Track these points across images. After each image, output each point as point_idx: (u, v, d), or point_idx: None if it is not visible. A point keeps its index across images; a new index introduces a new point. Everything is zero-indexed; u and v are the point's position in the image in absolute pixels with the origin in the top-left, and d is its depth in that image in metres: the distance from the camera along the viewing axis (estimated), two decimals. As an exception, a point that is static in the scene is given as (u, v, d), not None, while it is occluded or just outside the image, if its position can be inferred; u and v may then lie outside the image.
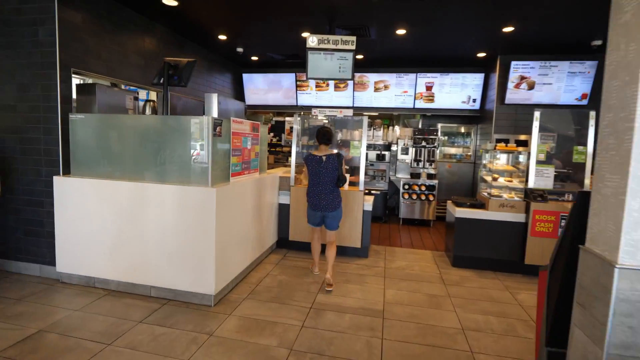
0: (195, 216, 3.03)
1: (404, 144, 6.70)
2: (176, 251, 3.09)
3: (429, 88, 6.84)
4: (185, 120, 3.11)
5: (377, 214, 6.78)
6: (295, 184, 4.76)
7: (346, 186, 4.61)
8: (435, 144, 6.66)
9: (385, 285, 3.77)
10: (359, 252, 4.63)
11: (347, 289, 3.64)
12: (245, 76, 7.62)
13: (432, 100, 6.90)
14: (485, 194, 4.57)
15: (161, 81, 3.37)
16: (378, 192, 6.70)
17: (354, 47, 4.29)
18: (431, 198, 6.48)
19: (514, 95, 5.80)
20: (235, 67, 7.54)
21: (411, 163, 6.77)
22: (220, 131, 3.19)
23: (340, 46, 4.27)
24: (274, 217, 4.74)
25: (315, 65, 4.37)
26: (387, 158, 6.85)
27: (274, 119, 8.19)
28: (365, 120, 4.46)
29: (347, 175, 4.63)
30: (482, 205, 4.38)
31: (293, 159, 4.71)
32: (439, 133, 6.58)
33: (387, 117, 11.19)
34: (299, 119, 4.76)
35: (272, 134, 8.04)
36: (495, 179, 4.51)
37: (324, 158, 3.99)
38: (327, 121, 7.29)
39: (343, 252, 4.66)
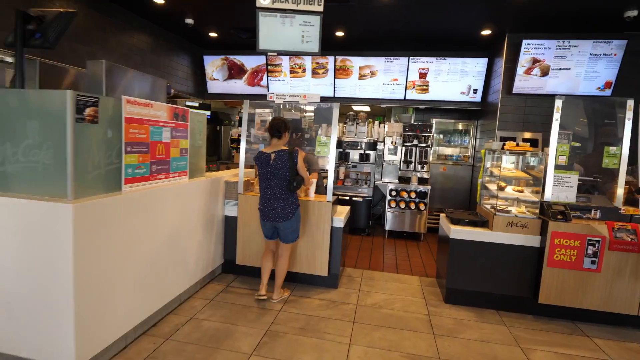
0: (45, 246, 1.96)
1: (392, 142, 5.66)
2: (19, 299, 2.03)
3: (422, 75, 5.81)
4: (31, 97, 2.04)
5: (360, 225, 5.74)
6: (246, 190, 3.71)
7: (311, 193, 3.57)
8: (429, 143, 5.64)
9: (353, 338, 2.72)
10: (327, 281, 3.59)
11: (297, 346, 2.59)
12: (206, 59, 6.53)
13: (426, 91, 5.87)
14: (488, 206, 3.55)
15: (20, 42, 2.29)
16: (360, 199, 5.66)
17: (321, 8, 3.25)
18: (422, 207, 5.46)
19: (523, 83, 4.77)
20: (194, 48, 6.45)
21: (400, 165, 5.74)
22: (93, 115, 2.12)
23: (302, 5, 3.22)
24: (217, 235, 3.68)
25: (270, 33, 3.32)
26: (372, 159, 5.82)
27: (241, 110, 7.12)
28: (336, 110, 3.41)
29: (312, 180, 3.59)
30: (484, 223, 3.36)
31: (242, 157, 3.65)
32: (433, 130, 5.57)
33: (379, 113, 10.18)
34: (248, 102, 3.69)
35: (239, 129, 6.96)
36: (501, 188, 3.49)
37: (272, 155, 2.99)
38: (300, 112, 6.23)
39: (307, 280, 3.62)
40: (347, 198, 5.73)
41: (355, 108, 8.50)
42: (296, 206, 3.10)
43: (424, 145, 5.66)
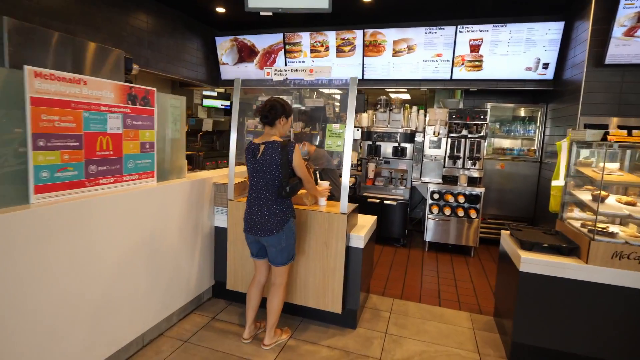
0: None
1: (435, 133, 4.62)
2: None
3: (474, 48, 4.68)
4: None
5: (393, 233, 4.79)
6: (240, 195, 2.93)
7: (322, 201, 2.70)
8: (482, 133, 4.52)
9: None
10: (342, 319, 2.72)
11: None
12: (218, 41, 5.84)
13: (478, 67, 4.73)
14: (577, 224, 2.48)
15: None
16: (394, 203, 4.70)
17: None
18: (473, 214, 4.38)
19: (622, 49, 3.53)
20: (205, 29, 5.77)
21: (444, 161, 4.68)
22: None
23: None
24: (204, 251, 2.95)
25: (262, -14, 2.47)
26: (408, 153, 4.81)
27: (260, 98, 6.36)
28: (353, 86, 2.48)
29: (322, 182, 2.74)
30: (572, 251, 2.31)
31: (232, 153, 2.86)
32: (488, 117, 4.45)
33: (418, 100, 9.04)
34: (240, 81, 2.87)
35: (256, 120, 6.23)
36: (601, 199, 2.38)
37: (261, 147, 2.27)
38: (322, 99, 5.38)
39: (316, 315, 2.78)
40: (378, 201, 4.79)
41: (391, 94, 7.46)
42: (287, 217, 2.29)
43: (475, 136, 4.56)
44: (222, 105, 7.22)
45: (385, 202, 4.77)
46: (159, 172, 2.51)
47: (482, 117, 4.44)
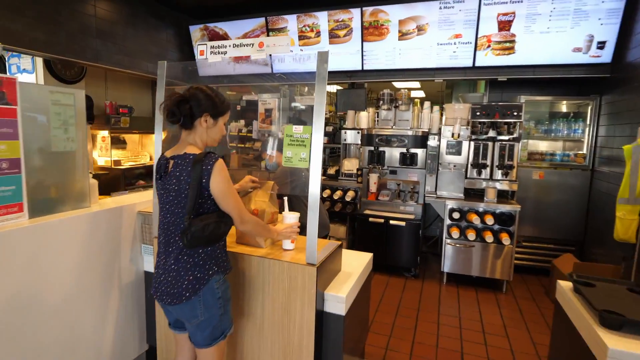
0: None
1: (454, 135, 3.68)
2: None
3: (504, 25, 3.72)
4: None
5: (401, 261, 3.87)
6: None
7: (287, 245, 1.80)
8: (516, 135, 3.56)
9: None
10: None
11: None
12: (192, 30, 5.04)
13: (510, 50, 3.77)
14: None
15: None
16: (402, 223, 3.78)
17: None
18: (505, 239, 3.41)
19: None
20: (178, 17, 5.00)
21: (467, 171, 3.74)
22: None
23: None
24: (129, 307, 2.11)
25: None
26: (420, 160, 3.89)
27: (244, 98, 5.53)
28: (323, 65, 1.57)
29: (288, 214, 1.85)
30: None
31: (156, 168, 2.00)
32: (523, 114, 3.49)
33: (432, 96, 8.05)
34: (165, 64, 2.02)
35: (241, 122, 5.40)
36: None
37: (170, 163, 1.47)
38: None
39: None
40: (382, 221, 3.87)
41: (398, 86, 6.50)
42: (205, 274, 1.45)
43: (507, 138, 3.60)
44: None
45: (392, 222, 3.84)
46: (35, 203, 1.68)
47: (515, 113, 3.48)
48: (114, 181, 5.14)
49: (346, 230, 4.48)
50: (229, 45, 1.76)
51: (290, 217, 1.80)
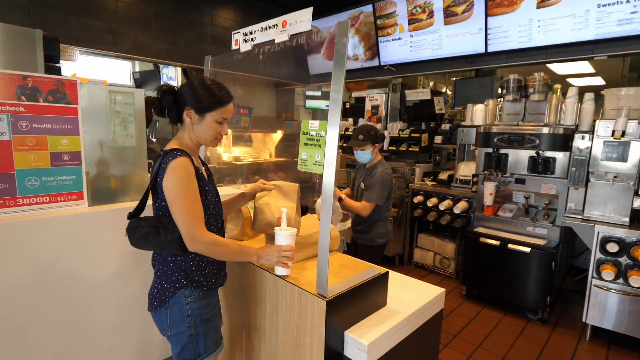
0: None
1: (615, 134, 2.63)
2: None
3: None
4: None
5: (524, 299, 3.05)
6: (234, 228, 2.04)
7: (279, 270, 1.43)
8: None
9: None
10: None
11: None
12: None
13: None
14: None
15: None
16: (527, 250, 2.95)
17: None
18: None
19: None
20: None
21: (638, 184, 2.62)
22: None
23: None
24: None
25: None
26: (559, 168, 2.95)
27: (353, 95, 5.29)
28: (343, 39, 1.21)
29: (281, 232, 1.55)
30: None
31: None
32: None
33: (614, 82, 6.17)
34: (210, 59, 1.94)
35: (350, 120, 5.21)
36: None
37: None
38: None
39: None
40: (498, 243, 3.10)
41: (558, 72, 5.12)
42: (173, 285, 1.32)
43: None
44: (326, 106, 6.56)
45: (512, 246, 3.03)
46: (95, 192, 1.88)
47: None
48: (233, 174, 5.72)
49: (455, 249, 3.80)
50: (257, 30, 1.58)
51: (283, 236, 1.38)
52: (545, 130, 2.91)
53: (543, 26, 3.21)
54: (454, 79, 4.47)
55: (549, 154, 2.95)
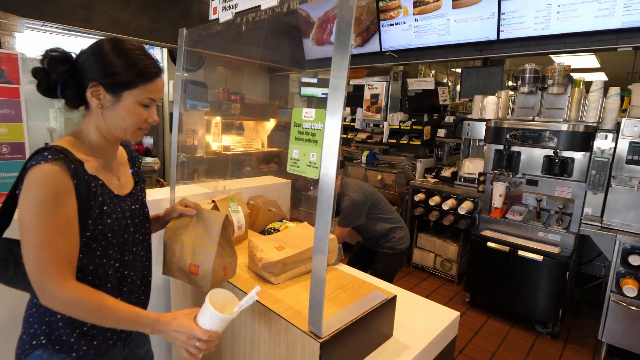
0: None
1: (643, 132, 2.38)
2: None
3: None
4: None
5: (535, 311, 2.82)
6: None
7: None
8: None
9: None
10: None
11: None
12: (300, 10, 4.76)
13: None
14: None
15: None
16: (539, 258, 2.71)
17: None
18: None
19: None
20: None
21: (664, 190, 2.39)
22: None
23: None
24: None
25: None
26: (578, 170, 2.69)
27: (351, 82, 4.98)
28: (348, 12, 0.93)
29: (205, 313, 0.93)
30: None
31: (173, 158, 1.69)
32: None
33: (622, 79, 5.95)
34: (184, 32, 1.64)
35: (347, 109, 4.92)
36: None
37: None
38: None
39: None
40: (507, 249, 2.86)
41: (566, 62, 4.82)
42: (24, 344, 0.91)
43: None
44: (323, 94, 6.26)
45: (522, 252, 2.79)
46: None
47: None
48: (221, 165, 5.40)
49: (457, 252, 3.57)
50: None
51: (210, 316, 0.89)
52: (565, 127, 2.65)
53: (563, 12, 2.92)
54: (456, 69, 4.17)
55: (566, 153, 2.69)
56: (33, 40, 3.05)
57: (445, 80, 6.49)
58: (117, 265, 0.98)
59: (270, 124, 5.93)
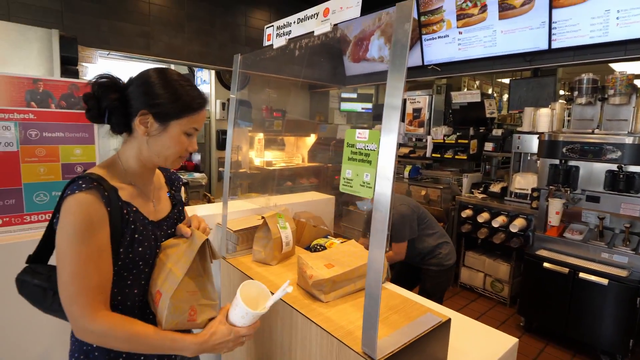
0: None
1: None
2: None
3: None
4: None
5: (600, 340, 2.60)
6: (244, 247, 1.82)
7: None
8: None
9: None
10: None
11: None
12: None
13: None
14: None
15: None
16: (604, 282, 2.51)
17: None
18: None
19: None
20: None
21: None
22: None
23: None
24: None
25: None
26: (645, 184, 2.48)
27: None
28: (404, 24, 0.93)
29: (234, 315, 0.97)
30: None
31: (226, 174, 1.76)
32: None
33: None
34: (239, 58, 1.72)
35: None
36: None
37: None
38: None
39: None
40: (566, 271, 2.67)
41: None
42: None
43: None
44: (362, 108, 6.32)
45: (583, 275, 2.60)
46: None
47: None
48: (264, 180, 5.55)
49: (510, 272, 3.38)
50: (294, 22, 1.33)
51: (240, 313, 0.93)
52: (630, 140, 2.46)
53: (623, 17, 2.76)
54: (502, 79, 4.03)
55: (632, 168, 2.50)
56: (98, 68, 3.37)
57: (490, 91, 6.29)
58: (142, 297, 0.97)
59: (311, 139, 6.03)
